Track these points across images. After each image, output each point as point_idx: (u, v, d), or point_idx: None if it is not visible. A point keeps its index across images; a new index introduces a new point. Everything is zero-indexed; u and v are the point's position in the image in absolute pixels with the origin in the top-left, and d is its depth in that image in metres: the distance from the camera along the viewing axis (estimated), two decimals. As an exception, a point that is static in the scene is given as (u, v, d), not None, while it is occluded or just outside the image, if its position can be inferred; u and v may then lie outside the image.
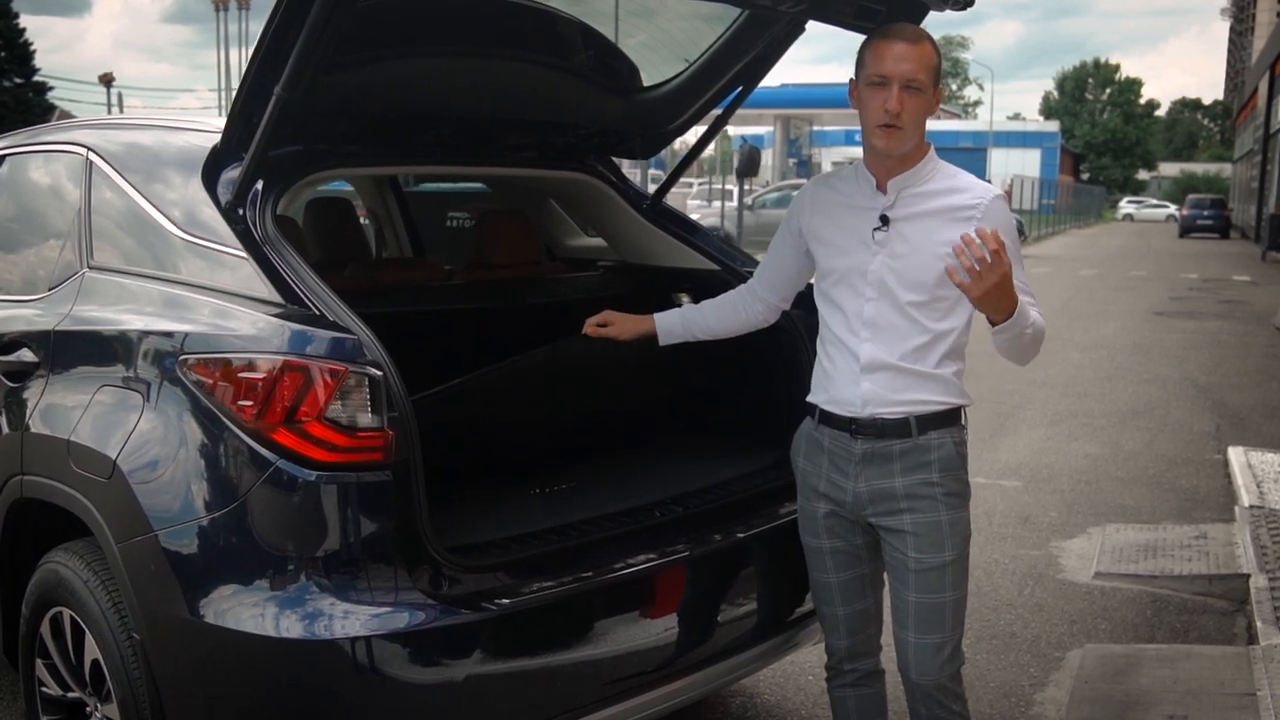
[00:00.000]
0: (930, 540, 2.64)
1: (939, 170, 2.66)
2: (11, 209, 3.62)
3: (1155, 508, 6.36)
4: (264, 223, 2.70)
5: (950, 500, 2.65)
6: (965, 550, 2.69)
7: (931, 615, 2.66)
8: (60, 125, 3.67)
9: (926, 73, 2.55)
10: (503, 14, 3.11)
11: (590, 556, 2.73)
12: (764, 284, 2.99)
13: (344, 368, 2.36)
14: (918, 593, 2.66)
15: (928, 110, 2.60)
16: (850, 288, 2.66)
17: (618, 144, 3.78)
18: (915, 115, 2.56)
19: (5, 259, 3.57)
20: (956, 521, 2.65)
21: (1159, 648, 4.38)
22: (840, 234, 2.70)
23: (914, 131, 2.57)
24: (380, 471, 2.37)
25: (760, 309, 3.00)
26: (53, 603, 2.80)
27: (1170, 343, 13.04)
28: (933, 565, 2.64)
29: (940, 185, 2.62)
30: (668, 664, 2.79)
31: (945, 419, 2.65)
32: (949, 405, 2.65)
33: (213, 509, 2.42)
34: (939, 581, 2.65)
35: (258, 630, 2.34)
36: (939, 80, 2.60)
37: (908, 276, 2.60)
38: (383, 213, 5.07)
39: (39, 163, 3.54)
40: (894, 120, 2.53)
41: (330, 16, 2.40)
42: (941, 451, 2.64)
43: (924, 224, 2.60)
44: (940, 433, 2.64)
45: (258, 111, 2.58)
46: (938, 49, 2.61)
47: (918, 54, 2.53)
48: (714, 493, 3.11)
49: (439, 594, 2.43)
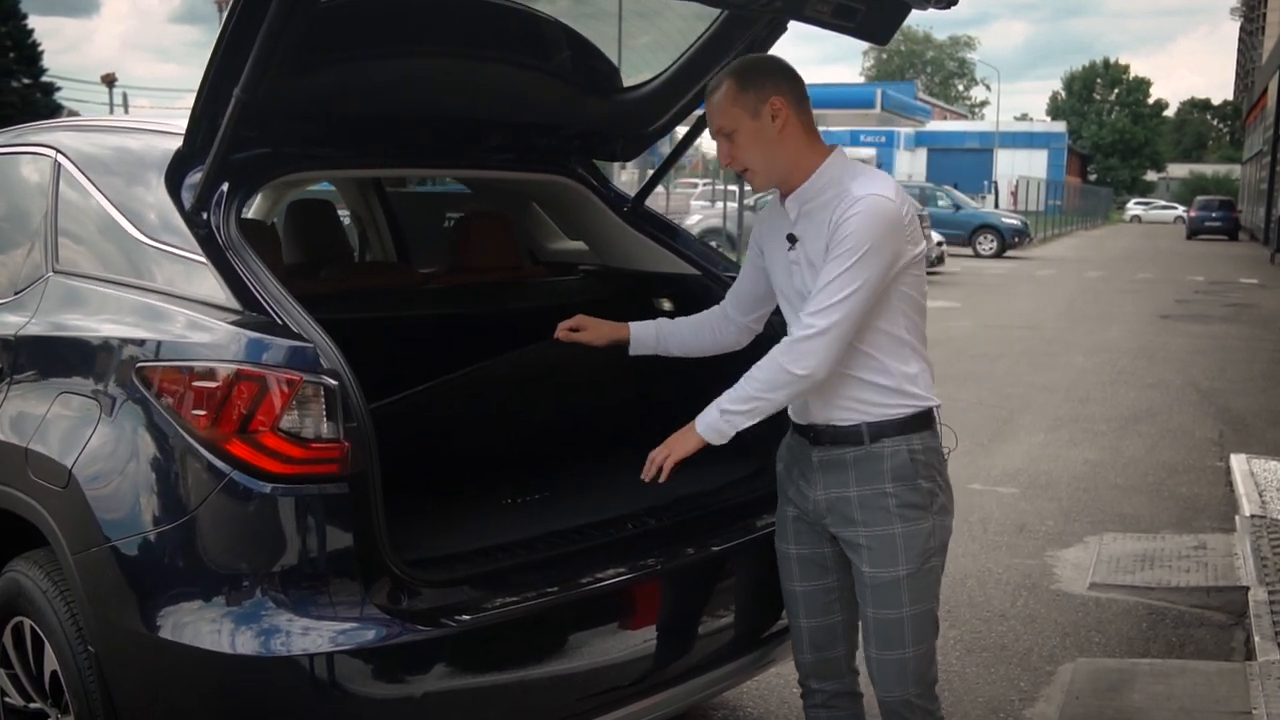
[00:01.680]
0: (883, 554, 2.58)
1: (835, 179, 2.56)
2: None
3: (1154, 516, 6.28)
4: (227, 227, 2.64)
5: (905, 512, 2.58)
6: (929, 564, 2.62)
7: (889, 631, 2.61)
8: (32, 127, 3.61)
9: (725, 116, 2.57)
10: (478, 14, 3.05)
11: (558, 570, 2.67)
12: (735, 304, 2.94)
13: (299, 377, 2.30)
14: (874, 608, 2.62)
15: (758, 139, 2.57)
16: (789, 307, 2.67)
17: (599, 146, 3.72)
18: (748, 153, 2.58)
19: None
20: (913, 534, 2.59)
21: (1153, 662, 4.30)
22: (773, 256, 2.71)
23: (764, 168, 2.59)
24: (336, 484, 2.31)
25: (733, 331, 2.95)
26: (14, 612, 2.76)
27: (1175, 347, 12.94)
28: (886, 580, 2.59)
29: (830, 195, 2.54)
30: (638, 681, 2.73)
31: (901, 426, 2.58)
32: (903, 411, 2.58)
33: (167, 521, 2.36)
34: (894, 596, 2.59)
35: (213, 646, 2.29)
36: (753, 106, 2.54)
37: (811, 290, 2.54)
38: (366, 215, 5.01)
39: (10, 164, 3.49)
40: (735, 168, 2.62)
41: (289, 17, 2.33)
42: (895, 460, 2.57)
43: (813, 234, 2.56)
44: (895, 440, 2.58)
45: (218, 114, 2.53)
46: (736, 78, 2.57)
47: (713, 105, 2.60)
48: (689, 504, 3.04)
49: (398, 609, 2.37)
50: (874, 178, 2.56)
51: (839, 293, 2.44)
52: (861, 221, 2.44)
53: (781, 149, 2.56)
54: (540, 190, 3.93)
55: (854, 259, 2.43)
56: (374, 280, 3.82)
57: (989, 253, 29.27)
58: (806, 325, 2.47)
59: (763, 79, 2.57)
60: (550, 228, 4.21)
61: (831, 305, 2.44)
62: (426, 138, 3.33)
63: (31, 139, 3.38)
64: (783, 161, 2.58)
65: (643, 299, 3.67)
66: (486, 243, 3.80)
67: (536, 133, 3.55)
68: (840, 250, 2.45)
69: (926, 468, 2.62)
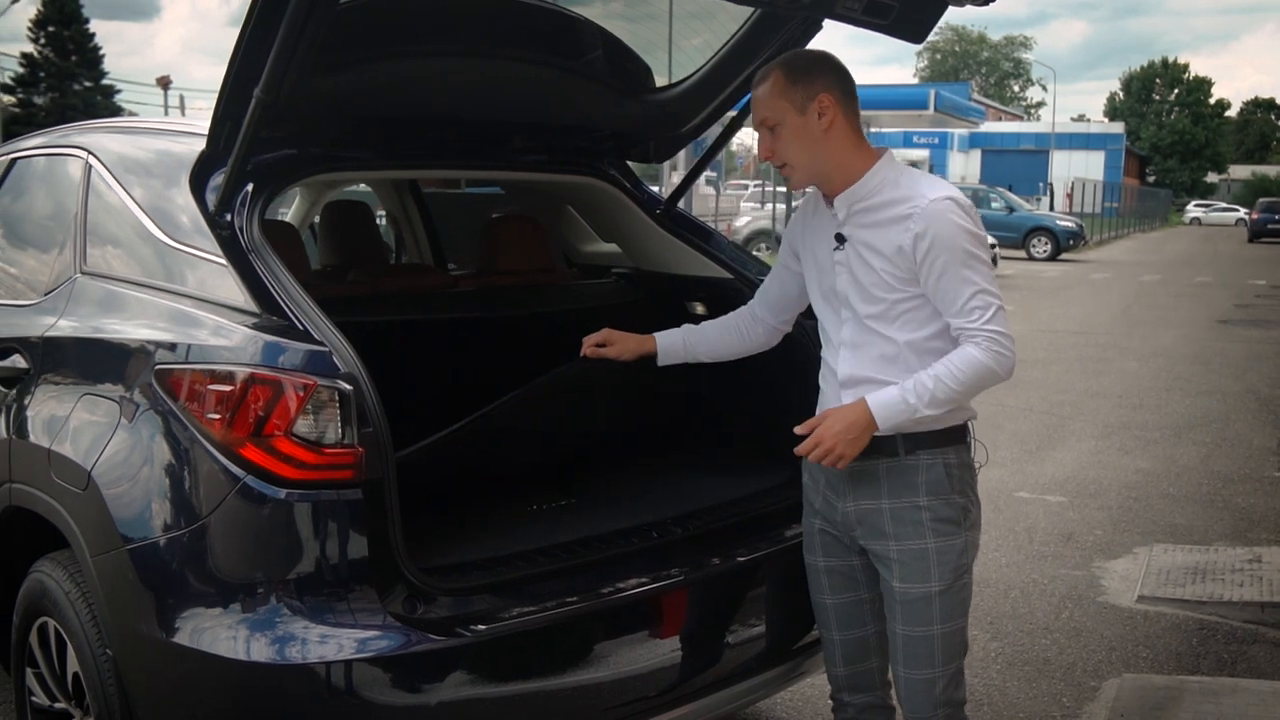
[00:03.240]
0: (915, 569, 2.51)
1: (888, 182, 2.51)
2: (19, 211, 3.60)
3: (1208, 528, 6.10)
4: (250, 229, 2.63)
5: (939, 526, 2.51)
6: (961, 580, 2.55)
7: (919, 649, 2.53)
8: (72, 127, 3.64)
9: (770, 108, 2.51)
10: (506, 14, 3.02)
11: (578, 580, 2.62)
12: (765, 304, 2.88)
13: (314, 381, 2.27)
14: (904, 624, 2.54)
15: (802, 135, 2.50)
16: (829, 308, 2.61)
17: (631, 147, 3.67)
18: (789, 148, 2.52)
19: (12, 261, 3.55)
20: (946, 550, 2.51)
21: (1203, 680, 4.16)
22: (814, 256, 2.64)
23: (804, 165, 2.54)
24: (350, 490, 2.28)
25: (761, 332, 2.90)
26: (39, 612, 2.77)
27: (1233, 353, 12.65)
28: (917, 596, 2.51)
29: (887, 196, 2.49)
30: (665, 692, 2.68)
31: (938, 438, 2.51)
32: (941, 423, 2.50)
33: (182, 525, 2.35)
34: (925, 613, 2.52)
35: (228, 653, 2.28)
36: (801, 101, 2.47)
37: (865, 292, 2.51)
38: (401, 217, 5.01)
39: (46, 165, 3.51)
40: (774, 162, 2.56)
41: (307, 18, 2.31)
42: (931, 473, 2.50)
43: (870, 237, 2.49)
44: (931, 453, 2.51)
45: (241, 115, 2.51)
46: (785, 70, 2.51)
47: (758, 96, 2.54)
48: (717, 513, 2.98)
49: (413, 618, 2.34)
50: (933, 180, 2.55)
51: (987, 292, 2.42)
52: (960, 219, 2.42)
53: (825, 148, 2.50)
54: (573, 192, 3.89)
55: (976, 257, 2.42)
56: (403, 283, 3.80)
57: (1043, 255, 28.84)
58: (991, 333, 2.40)
59: (813, 74, 2.50)
60: (584, 230, 4.17)
61: (993, 307, 2.41)
62: (455, 139, 3.31)
63: (67, 140, 3.41)
64: (825, 161, 2.51)
65: (675, 302, 3.62)
66: (516, 245, 3.77)
67: (567, 133, 3.52)
68: (952, 254, 2.40)
69: (961, 482, 2.55)
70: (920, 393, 2.41)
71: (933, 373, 2.42)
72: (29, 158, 3.62)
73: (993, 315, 2.42)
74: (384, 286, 3.56)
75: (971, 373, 2.41)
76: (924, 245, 2.41)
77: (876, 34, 2.96)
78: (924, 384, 2.42)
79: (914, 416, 2.43)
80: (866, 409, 2.44)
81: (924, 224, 2.41)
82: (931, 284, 2.43)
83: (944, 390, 2.41)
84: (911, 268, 2.44)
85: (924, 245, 2.41)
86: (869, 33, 2.98)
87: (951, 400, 2.42)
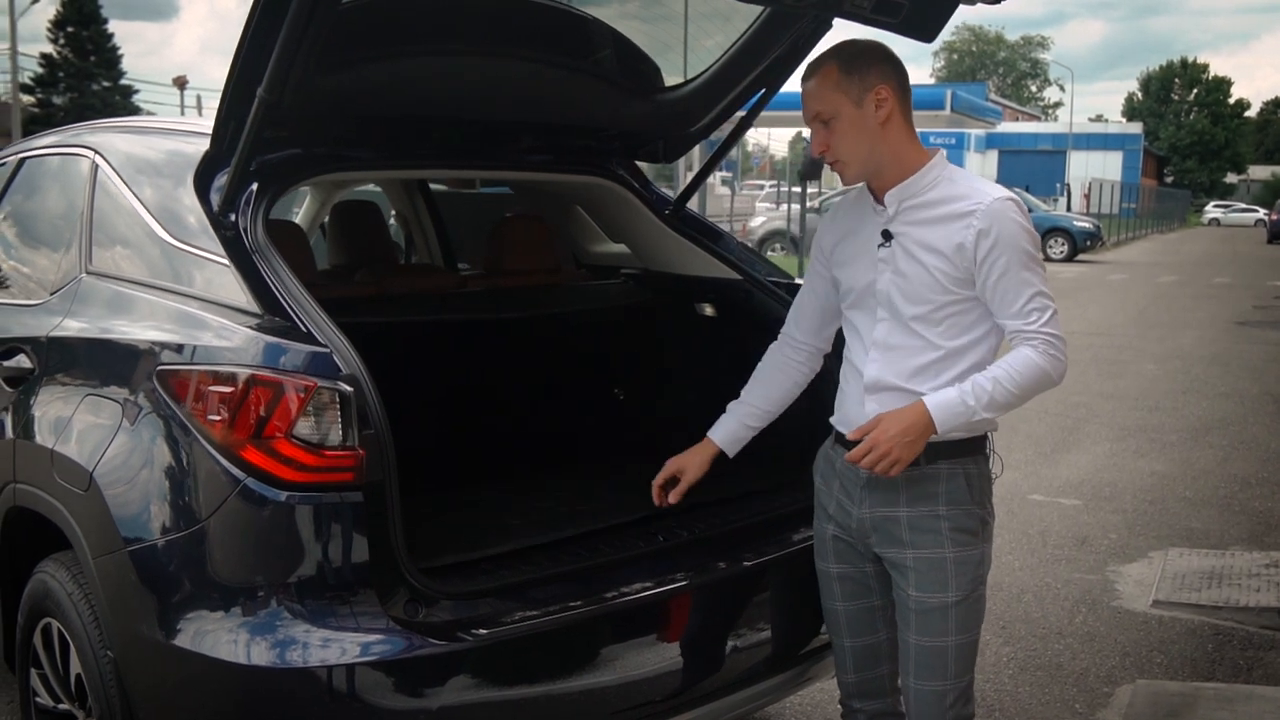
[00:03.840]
0: (932, 578, 2.47)
1: (943, 179, 2.46)
2: (27, 211, 3.60)
3: (1224, 532, 6.04)
4: (254, 229, 2.62)
5: (958, 536, 2.47)
6: (977, 591, 2.51)
7: (932, 660, 2.49)
8: (81, 127, 3.64)
9: (824, 102, 2.45)
10: (512, 12, 2.99)
11: (582, 583, 2.60)
12: (801, 326, 2.77)
13: (314, 383, 2.26)
14: (918, 634, 2.50)
15: (859, 128, 2.44)
16: (865, 309, 2.54)
17: (639, 147, 3.64)
18: (844, 142, 2.46)
19: (19, 261, 3.55)
20: (964, 560, 2.47)
21: (1218, 687, 4.12)
22: (852, 254, 2.57)
23: (860, 160, 2.48)
24: (352, 492, 2.26)
25: (803, 361, 2.78)
26: (43, 613, 2.76)
27: (1252, 355, 12.55)
28: (934, 606, 2.47)
29: (942, 194, 2.44)
30: (670, 697, 2.66)
31: (959, 447, 2.47)
32: (963, 432, 2.46)
33: (182, 527, 2.34)
34: (940, 624, 2.47)
35: (228, 656, 2.27)
36: (858, 93, 2.42)
37: (911, 292, 2.45)
38: (411, 217, 5.00)
39: (55, 165, 3.51)
40: (828, 157, 2.50)
41: (310, 17, 2.29)
42: (951, 483, 2.46)
43: (925, 234, 2.43)
44: (952, 463, 2.47)
45: (244, 115, 2.50)
46: (840, 62, 2.45)
47: (811, 89, 2.47)
48: (723, 516, 2.95)
49: (415, 621, 2.33)
50: (989, 181, 2.54)
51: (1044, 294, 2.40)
52: (1023, 220, 2.41)
53: (882, 141, 2.44)
54: (582, 192, 3.87)
55: (1035, 259, 2.41)
56: (409, 283, 3.78)
57: (1060, 256, 28.69)
58: (1048, 335, 2.38)
59: (869, 65, 2.43)
60: (594, 230, 4.15)
61: (1049, 310, 2.40)
62: (462, 138, 3.28)
63: (76, 139, 3.41)
64: (881, 155, 2.45)
65: (684, 303, 3.60)
66: (523, 246, 3.75)
67: (575, 133, 3.49)
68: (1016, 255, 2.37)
69: (980, 493, 2.52)
70: (979, 395, 2.37)
71: (990, 375, 2.38)
72: (38, 157, 3.63)
73: (1049, 318, 2.39)
74: (390, 287, 3.55)
75: (1030, 376, 2.38)
76: (986, 244, 2.36)
77: (887, 33, 2.92)
78: (983, 386, 2.37)
79: (972, 420, 2.38)
80: (925, 411, 2.37)
81: (988, 222, 2.36)
82: (991, 284, 2.39)
83: (1002, 393, 2.37)
84: (970, 267, 2.39)
85: (986, 244, 2.36)
86: (880, 32, 2.94)
87: (1008, 404, 2.39)
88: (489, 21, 2.94)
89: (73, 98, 44.97)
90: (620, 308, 3.75)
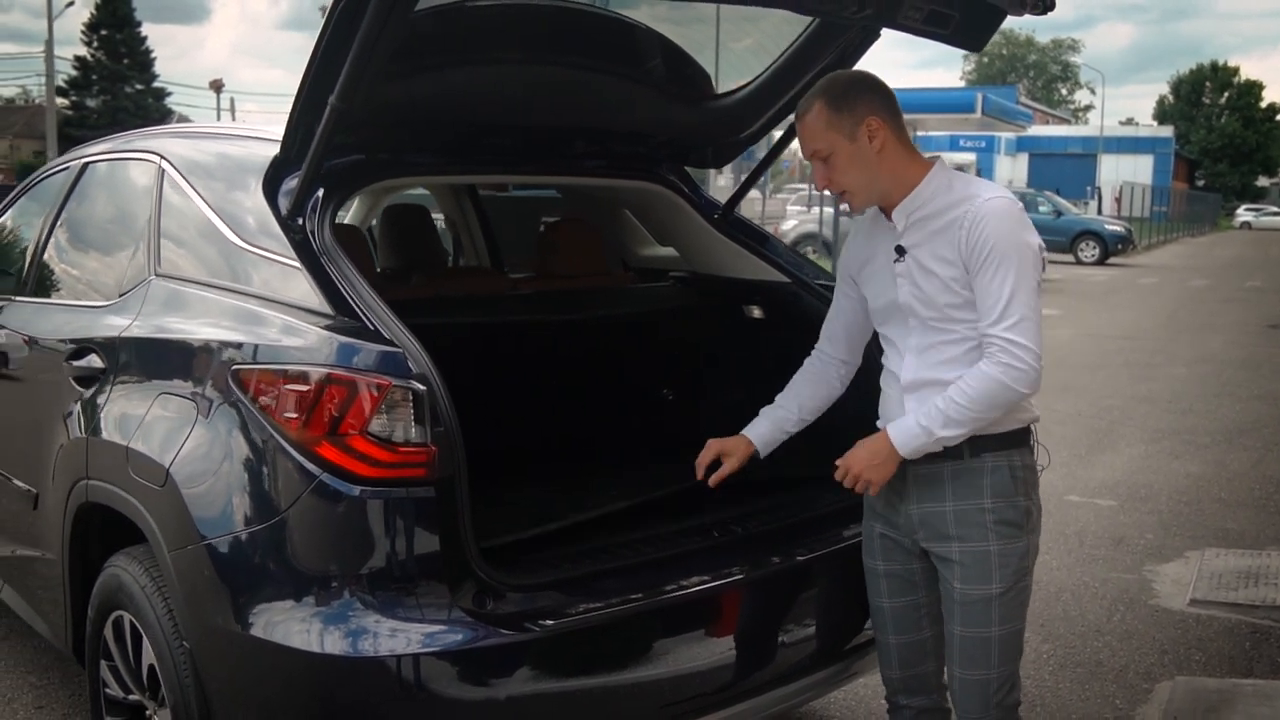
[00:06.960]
0: (977, 571, 2.53)
1: (944, 185, 2.52)
2: (93, 215, 3.69)
3: (1260, 532, 6.05)
4: (322, 232, 2.69)
5: (1002, 529, 2.53)
6: (1021, 583, 2.56)
7: (976, 650, 2.55)
8: (140, 133, 3.73)
9: (819, 140, 2.52)
10: (568, 22, 3.07)
11: (641, 577, 2.67)
12: (833, 342, 2.85)
13: (388, 381, 2.33)
14: (962, 626, 2.56)
15: (856, 161, 2.51)
16: (895, 321, 2.62)
17: (688, 153, 3.71)
18: (845, 175, 2.53)
19: (86, 264, 3.64)
20: (1008, 553, 2.53)
21: (1256, 683, 4.14)
22: (874, 273, 2.65)
23: (863, 188, 2.54)
24: (423, 487, 2.33)
25: (837, 373, 2.85)
26: (115, 606, 2.84)
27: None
28: (977, 598, 2.53)
29: (942, 201, 2.50)
30: (722, 689, 2.71)
31: (1002, 440, 2.53)
32: (1006, 425, 2.52)
33: (259, 521, 2.42)
34: (984, 615, 2.53)
35: (302, 645, 2.33)
36: (849, 128, 2.48)
37: (930, 301, 2.51)
38: (460, 220, 5.08)
39: (119, 170, 3.60)
40: (832, 190, 2.59)
41: (383, 28, 2.37)
42: (996, 475, 2.52)
43: (933, 246, 2.50)
44: (996, 455, 2.52)
45: (314, 121, 2.57)
46: (827, 100, 2.50)
47: (804, 130, 2.55)
48: (776, 513, 3.01)
49: (483, 613, 2.39)
50: (986, 182, 2.57)
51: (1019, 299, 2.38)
52: (1009, 220, 2.43)
53: (881, 168, 2.52)
54: (631, 197, 3.94)
55: (1016, 261, 2.40)
56: (463, 285, 3.86)
57: (1091, 260, 28.55)
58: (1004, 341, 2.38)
59: (855, 99, 2.51)
60: (641, 234, 4.22)
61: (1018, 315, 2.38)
62: (517, 144, 3.36)
63: (138, 145, 3.49)
64: (883, 180, 2.53)
65: (733, 306, 3.66)
66: (572, 249, 3.82)
67: (627, 140, 3.56)
68: (996, 255, 2.39)
69: (1025, 485, 2.56)
70: (933, 416, 2.44)
71: (946, 394, 2.44)
72: (99, 162, 3.71)
73: (1014, 324, 2.38)
74: (446, 289, 3.62)
75: (981, 389, 2.40)
76: (971, 242, 2.41)
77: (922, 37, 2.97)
78: (936, 406, 2.44)
79: (932, 438, 2.45)
80: (887, 439, 2.49)
81: (974, 221, 2.42)
82: (974, 284, 2.44)
83: (955, 409, 2.42)
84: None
85: (971, 242, 2.41)
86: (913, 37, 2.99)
87: (966, 419, 2.42)
88: (545, 30, 3.01)
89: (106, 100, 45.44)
90: (669, 310, 3.81)
